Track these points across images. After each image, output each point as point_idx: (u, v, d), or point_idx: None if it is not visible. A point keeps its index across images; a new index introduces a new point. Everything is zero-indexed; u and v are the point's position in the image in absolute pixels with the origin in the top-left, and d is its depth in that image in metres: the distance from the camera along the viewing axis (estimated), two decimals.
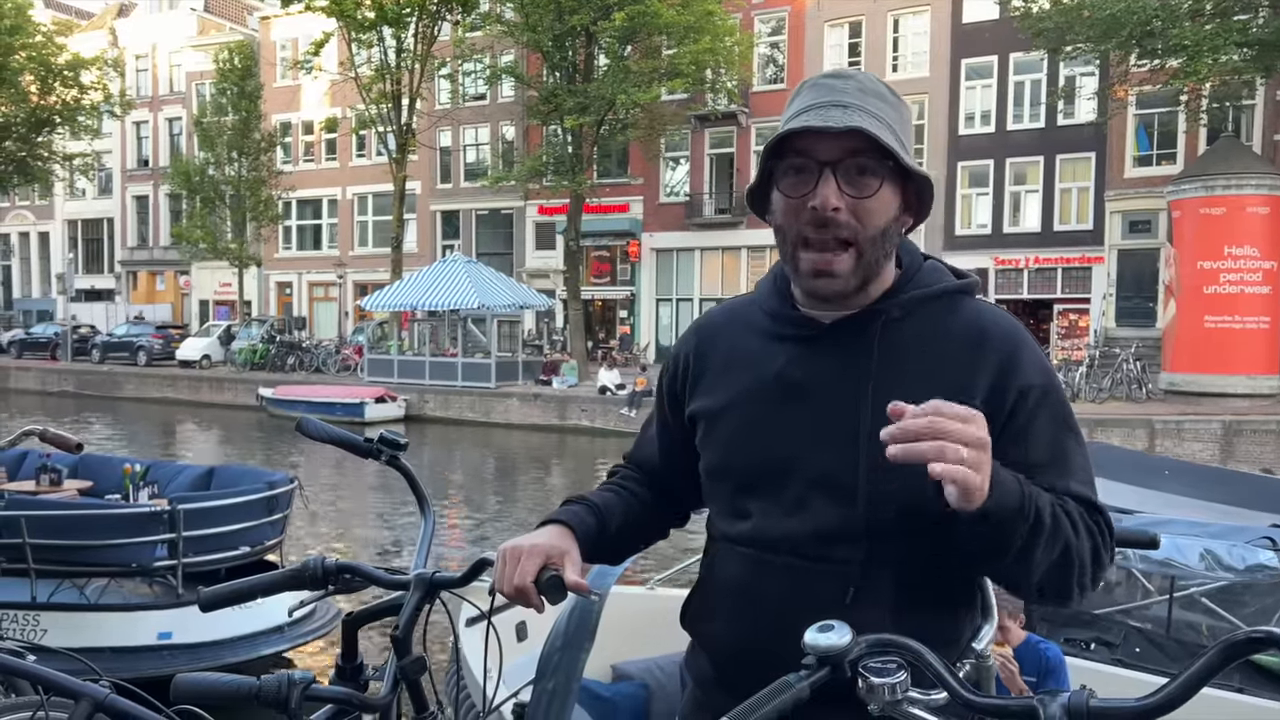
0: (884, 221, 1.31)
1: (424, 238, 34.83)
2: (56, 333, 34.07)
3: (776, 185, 1.34)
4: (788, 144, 1.31)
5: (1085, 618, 5.11)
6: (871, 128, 1.27)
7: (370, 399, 23.13)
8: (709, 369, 1.46)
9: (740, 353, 1.43)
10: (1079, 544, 1.24)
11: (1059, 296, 27.23)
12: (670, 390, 1.54)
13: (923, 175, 1.33)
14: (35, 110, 34.60)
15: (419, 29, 27.57)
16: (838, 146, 1.27)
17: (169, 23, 40.62)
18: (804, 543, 1.32)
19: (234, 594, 1.54)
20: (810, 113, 1.30)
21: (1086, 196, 26.70)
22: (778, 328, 1.41)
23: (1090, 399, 20.98)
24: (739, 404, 1.40)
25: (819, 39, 29.39)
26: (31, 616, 6.16)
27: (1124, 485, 4.95)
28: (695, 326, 1.55)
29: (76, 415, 24.11)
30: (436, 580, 1.54)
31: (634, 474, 1.60)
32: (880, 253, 1.33)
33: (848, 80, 1.34)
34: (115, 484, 7.94)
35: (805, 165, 1.29)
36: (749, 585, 1.37)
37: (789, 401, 1.35)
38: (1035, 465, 1.26)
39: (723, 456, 1.42)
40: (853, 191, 1.28)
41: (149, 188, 41.02)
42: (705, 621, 1.46)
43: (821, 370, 1.35)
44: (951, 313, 1.37)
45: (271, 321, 33.23)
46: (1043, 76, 26.67)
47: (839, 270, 1.30)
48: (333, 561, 1.58)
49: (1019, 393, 1.29)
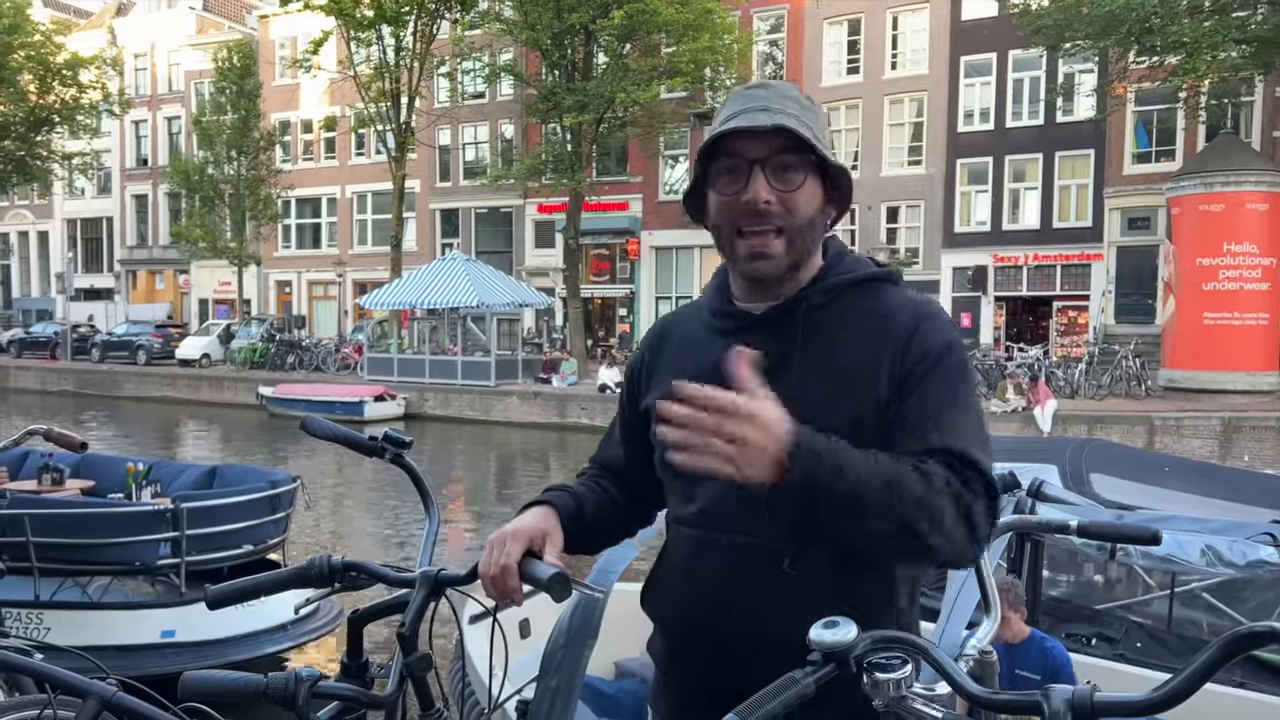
0: (810, 211, 1.45)
1: (423, 236, 34.82)
2: (56, 332, 34.06)
3: (711, 186, 1.48)
4: (719, 147, 1.45)
5: (1087, 613, 5.12)
6: (795, 125, 1.41)
7: (370, 397, 23.14)
8: (660, 367, 1.59)
9: (686, 350, 1.57)
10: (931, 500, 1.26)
11: (1058, 293, 27.23)
12: (629, 390, 1.67)
13: (840, 168, 1.47)
14: (34, 109, 34.56)
15: (418, 27, 27.55)
16: (765, 145, 1.42)
17: (168, 21, 40.58)
18: (742, 519, 1.41)
19: (240, 592, 1.55)
20: (738, 118, 1.44)
21: (1085, 193, 26.70)
22: (717, 321, 1.55)
23: (1090, 396, 21.00)
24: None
25: (818, 37, 29.38)
26: (35, 615, 6.17)
27: (1124, 482, 4.96)
28: (652, 329, 1.70)
29: (76, 414, 24.10)
30: (442, 578, 1.55)
31: (601, 473, 1.69)
32: (809, 240, 1.47)
33: (768, 89, 1.49)
34: (118, 483, 7.95)
35: (736, 165, 1.44)
36: (694, 564, 1.49)
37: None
38: (915, 423, 1.37)
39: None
40: (781, 185, 1.42)
41: (148, 187, 41.00)
42: (659, 603, 1.57)
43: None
44: (871, 298, 1.49)
45: (271, 320, 33.22)
46: (1042, 73, 26.67)
47: (773, 252, 1.44)
48: (338, 559, 1.59)
49: (917, 357, 1.41)
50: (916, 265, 28.41)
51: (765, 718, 1.07)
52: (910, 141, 28.78)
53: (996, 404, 19.34)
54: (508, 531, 1.44)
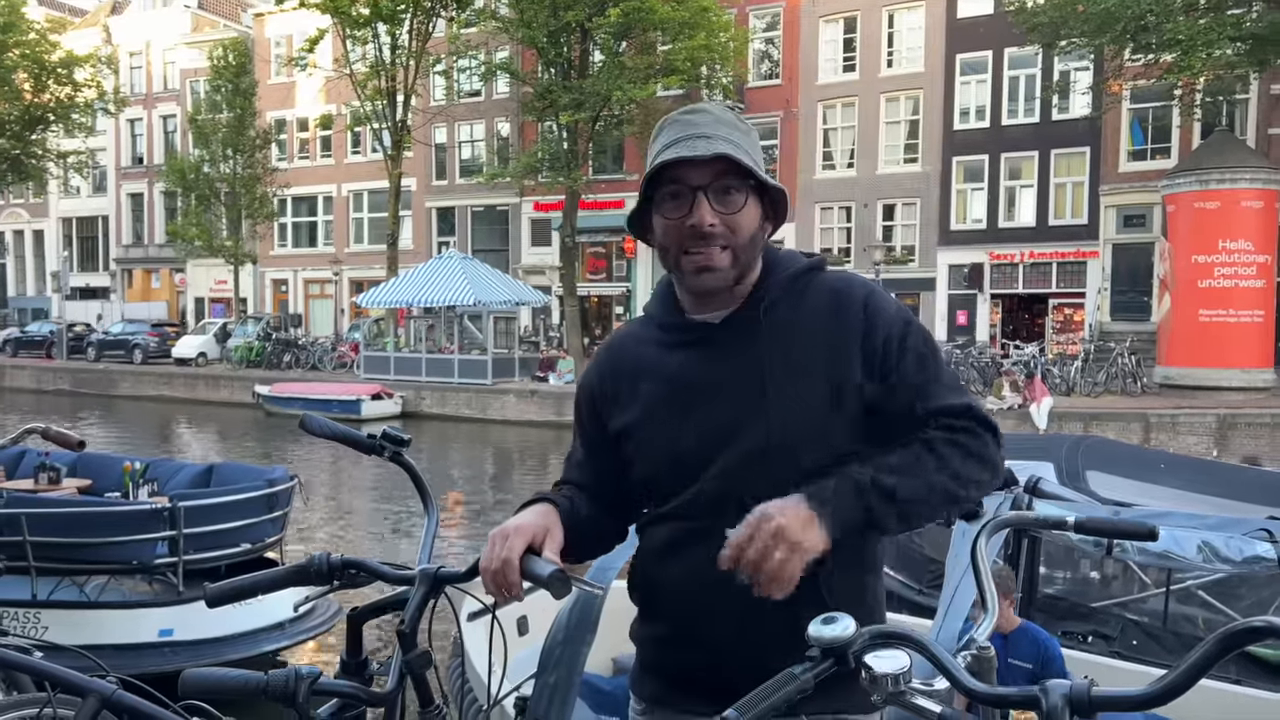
0: (752, 229, 1.53)
1: (419, 235, 34.79)
2: (52, 331, 33.99)
3: (657, 210, 1.54)
4: (662, 175, 1.51)
5: (1083, 610, 5.14)
6: (734, 152, 1.47)
7: (367, 396, 23.12)
8: (622, 388, 1.64)
9: (646, 368, 1.61)
10: (948, 467, 1.44)
11: (1054, 291, 27.28)
12: (590, 413, 1.70)
13: (777, 188, 1.54)
14: (29, 108, 34.47)
15: (414, 25, 27.49)
16: (707, 171, 1.48)
17: (163, 20, 40.49)
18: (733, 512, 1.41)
19: (239, 590, 1.55)
20: (677, 145, 1.50)
21: (1081, 191, 26.74)
22: (674, 337, 1.60)
23: (1085, 393, 21.03)
24: (655, 414, 1.57)
25: (814, 34, 29.39)
26: (32, 614, 6.16)
27: (1120, 479, 4.97)
28: (604, 349, 1.74)
29: (73, 413, 24.06)
30: (441, 575, 1.56)
31: (576, 493, 1.70)
32: (751, 254, 1.54)
33: (704, 114, 1.55)
34: (115, 482, 7.94)
35: (680, 191, 1.50)
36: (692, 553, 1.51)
37: (700, 401, 1.53)
38: (908, 395, 1.49)
39: (650, 465, 1.58)
40: (723, 209, 1.49)
41: (144, 185, 40.92)
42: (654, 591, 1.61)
43: (719, 364, 1.54)
44: (812, 288, 1.57)
45: (267, 319, 33.16)
46: (1037, 71, 26.69)
47: (719, 264, 1.50)
48: (338, 557, 1.60)
49: (885, 332, 1.51)
50: (913, 263, 28.45)
51: (765, 713, 1.08)
52: (906, 139, 28.79)
53: (992, 401, 19.36)
54: (509, 527, 1.46)
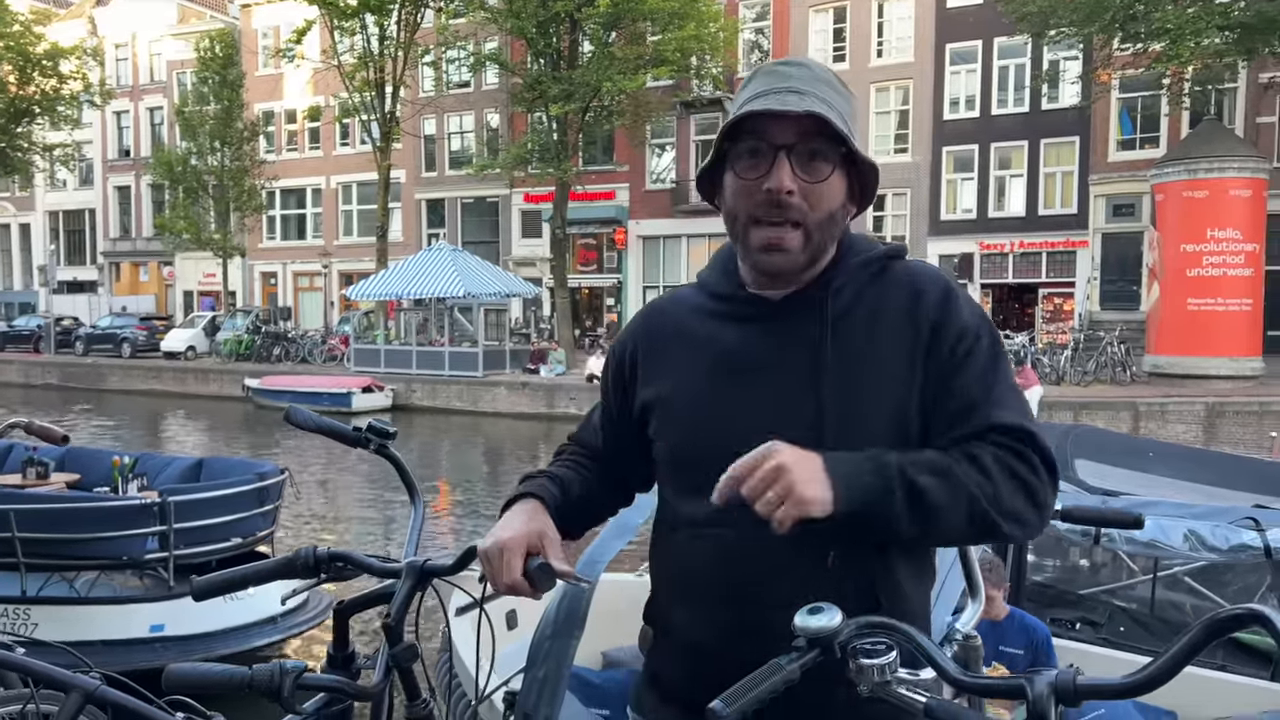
0: (833, 206, 1.37)
1: (409, 226, 34.69)
2: (39, 325, 33.81)
3: (731, 167, 1.39)
4: (743, 127, 1.36)
5: (1071, 598, 5.17)
6: (826, 113, 1.32)
7: (357, 389, 23.06)
8: (659, 357, 1.49)
9: (690, 337, 1.46)
10: (991, 487, 1.27)
11: (1044, 280, 27.35)
12: (617, 380, 1.56)
13: (870, 163, 1.38)
14: (14, 100, 34.22)
15: (402, 16, 27.38)
16: (793, 131, 1.33)
17: (149, 11, 40.20)
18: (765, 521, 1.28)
19: (226, 583, 1.54)
20: (766, 97, 1.34)
21: (1070, 180, 26.79)
22: (728, 309, 1.46)
23: (1075, 382, 21.10)
24: (694, 388, 1.43)
25: (804, 24, 29.34)
26: (22, 610, 6.13)
27: (1109, 467, 4.99)
28: (642, 315, 1.59)
29: (62, 408, 23.96)
30: (428, 568, 1.54)
31: (582, 452, 1.62)
32: (827, 236, 1.39)
33: (801, 68, 1.39)
34: (104, 476, 7.90)
35: (760, 148, 1.35)
36: (728, 567, 1.36)
37: (747, 379, 1.39)
38: (966, 402, 1.34)
39: (683, 441, 1.43)
40: (806, 176, 1.34)
41: (131, 178, 40.69)
42: (683, 613, 1.43)
43: (774, 344, 1.40)
44: (887, 276, 1.42)
45: (256, 312, 33.03)
46: (1027, 61, 26.71)
47: (789, 246, 1.36)
48: (324, 550, 1.58)
49: (957, 332, 1.36)
50: None
51: (751, 704, 1.07)
52: (896, 129, 28.81)
53: None
54: (503, 541, 1.37)
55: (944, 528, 1.28)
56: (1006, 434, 1.31)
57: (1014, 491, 1.28)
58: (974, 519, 1.27)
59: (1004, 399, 1.35)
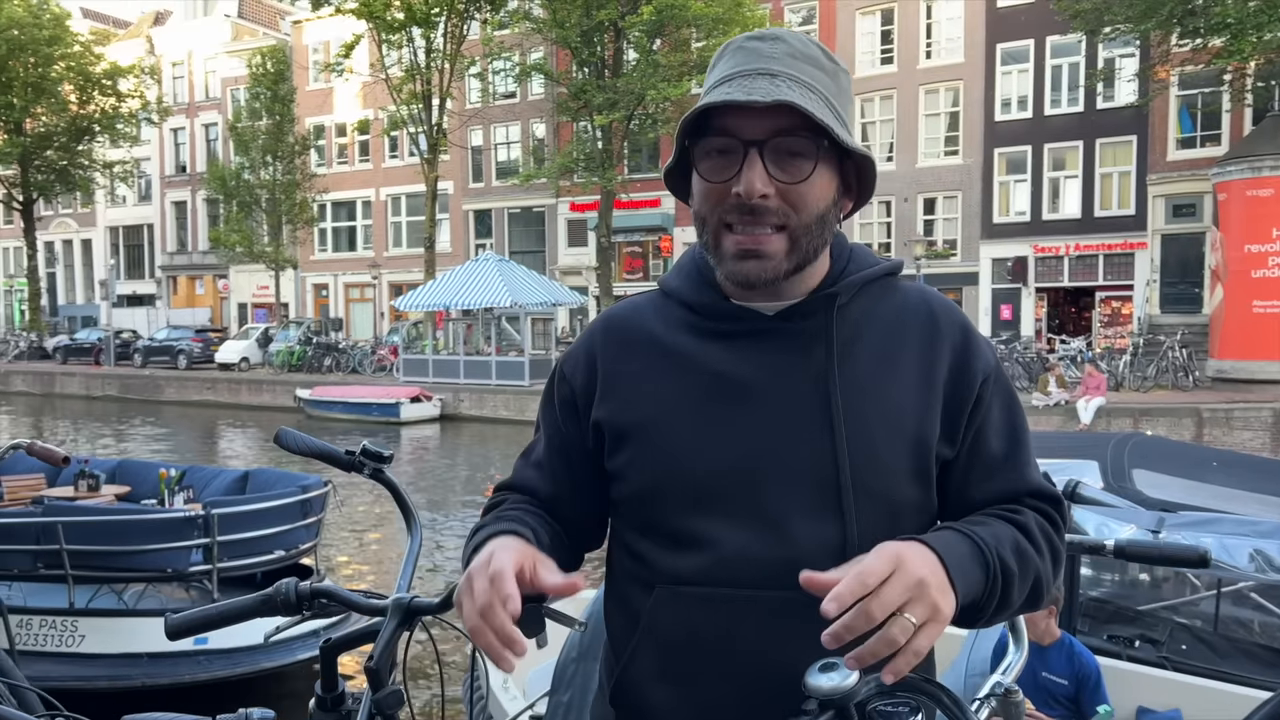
0: (820, 207, 1.16)
1: (457, 237, 34.97)
2: (100, 338, 34.62)
3: (695, 168, 1.18)
4: (708, 120, 1.14)
5: (1129, 614, 4.95)
6: (803, 101, 1.10)
7: (406, 399, 23.22)
8: (626, 376, 1.24)
9: (664, 354, 1.23)
10: (1044, 564, 1.16)
11: (1101, 284, 26.73)
12: (568, 405, 1.29)
13: (863, 153, 1.17)
14: (75, 119, 35.27)
15: (448, 28, 27.64)
16: (765, 123, 1.11)
17: (204, 29, 41.10)
18: (788, 570, 1.07)
19: (204, 621, 1.46)
20: (732, 83, 1.13)
21: (1128, 181, 26.17)
22: (708, 322, 1.23)
23: (1134, 387, 20.58)
24: (678, 413, 1.19)
25: (850, 27, 29.09)
26: (69, 622, 6.19)
27: (1168, 478, 4.79)
28: (599, 327, 1.32)
29: (120, 419, 24.46)
30: (414, 606, 1.44)
31: (525, 501, 1.31)
32: (817, 240, 1.17)
33: (775, 43, 1.16)
34: (153, 489, 8.00)
35: (728, 145, 1.13)
36: (721, 633, 1.14)
37: (738, 405, 1.17)
38: (997, 459, 1.20)
39: (665, 478, 1.18)
40: (783, 176, 1.12)
41: (187, 193, 41.57)
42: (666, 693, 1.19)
43: (772, 366, 1.18)
44: (892, 294, 1.25)
45: (308, 323, 33.49)
46: (1081, 59, 26.18)
47: (770, 250, 1.14)
48: (306, 586, 1.49)
49: (982, 377, 1.21)
50: (955, 257, 28.04)
51: None
52: (946, 131, 28.39)
53: (1038, 397, 18.99)
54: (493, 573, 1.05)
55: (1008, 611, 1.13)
56: (1043, 500, 1.20)
57: (1052, 564, 1.17)
58: (1030, 599, 1.15)
59: (1031, 456, 1.23)
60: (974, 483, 1.19)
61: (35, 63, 33.72)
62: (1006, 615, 1.14)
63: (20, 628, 6.16)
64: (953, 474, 1.20)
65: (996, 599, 1.09)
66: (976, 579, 1.05)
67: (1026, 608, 1.17)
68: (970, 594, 1.04)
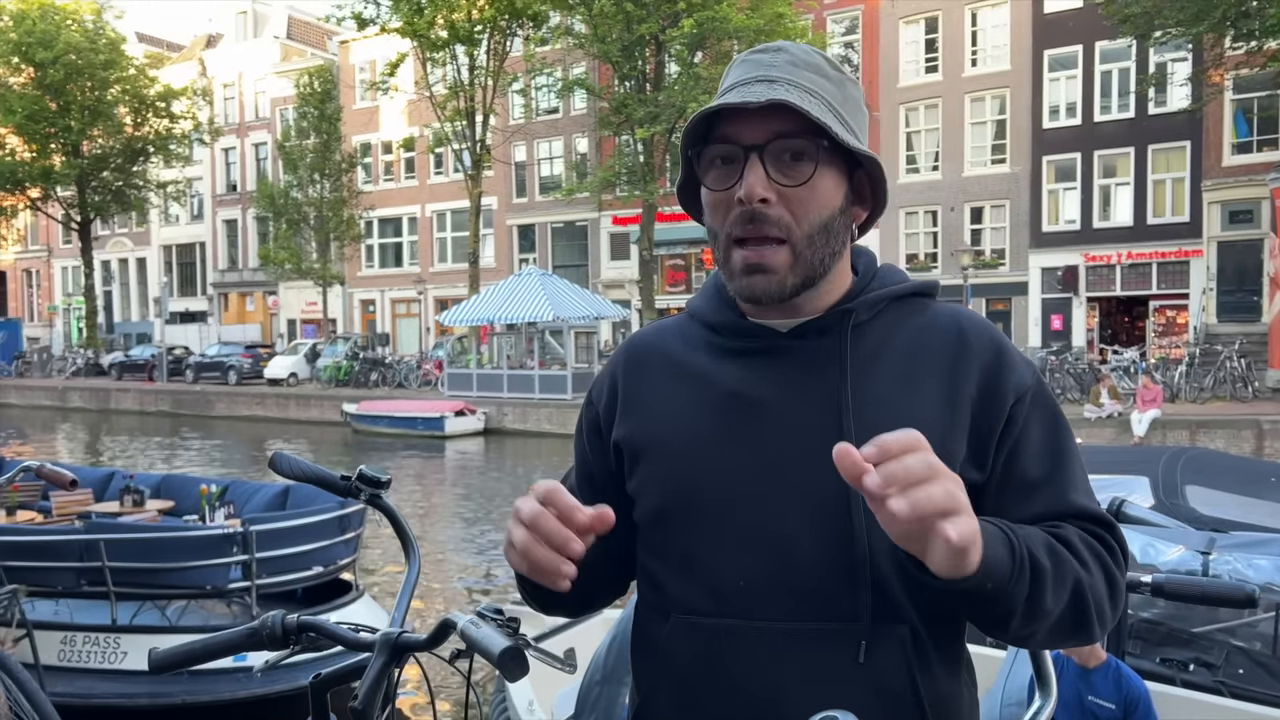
0: (824, 214, 1.13)
1: (501, 252, 35.21)
2: (153, 354, 35.34)
3: (702, 180, 1.17)
4: (711, 130, 1.15)
5: (1183, 636, 4.77)
6: (799, 102, 1.08)
7: (450, 413, 23.37)
8: (643, 396, 1.24)
9: (682, 372, 1.22)
10: (1090, 579, 1.05)
11: (1155, 292, 26.13)
12: (593, 429, 1.29)
13: (869, 157, 1.14)
14: (130, 141, 36.15)
15: (491, 46, 27.92)
16: (764, 128, 1.10)
17: (254, 51, 41.92)
18: (798, 597, 1.08)
19: (188, 655, 1.42)
20: (733, 91, 1.13)
21: (1182, 187, 25.60)
22: (726, 340, 1.21)
23: (1191, 399, 20.06)
24: (689, 432, 1.17)
25: (894, 36, 28.87)
26: (112, 639, 6.24)
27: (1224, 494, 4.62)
28: (624, 350, 1.32)
29: (171, 434, 24.90)
30: (402, 642, 1.38)
31: None
32: (824, 251, 1.14)
33: (777, 53, 1.16)
34: (195, 504, 8.10)
35: (731, 153, 1.13)
36: (735, 668, 1.11)
37: (750, 424, 1.15)
38: (1035, 482, 1.12)
39: (675, 497, 1.17)
40: (783, 179, 1.11)
41: (237, 211, 42.36)
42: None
43: (785, 384, 1.15)
44: (920, 314, 1.20)
45: (355, 338, 33.90)
46: (1131, 64, 25.71)
47: (772, 264, 1.12)
48: (293, 619, 1.44)
49: (1015, 396, 1.13)
50: (1003, 266, 27.62)
51: None
52: (993, 140, 28.02)
53: (1090, 409, 18.58)
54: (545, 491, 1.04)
55: (1042, 619, 1.03)
56: (1092, 521, 1.11)
57: (1106, 588, 1.07)
58: (1075, 615, 1.05)
59: (1077, 478, 1.13)
60: (1009, 507, 1.10)
61: (92, 86, 34.65)
62: (1043, 627, 1.03)
63: (64, 644, 6.23)
64: (985, 499, 1.11)
65: (1025, 594, 0.98)
66: (1001, 558, 0.96)
67: (1074, 630, 1.06)
68: (995, 570, 0.94)
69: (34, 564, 6.24)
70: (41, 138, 34.49)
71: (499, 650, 1.17)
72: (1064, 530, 1.08)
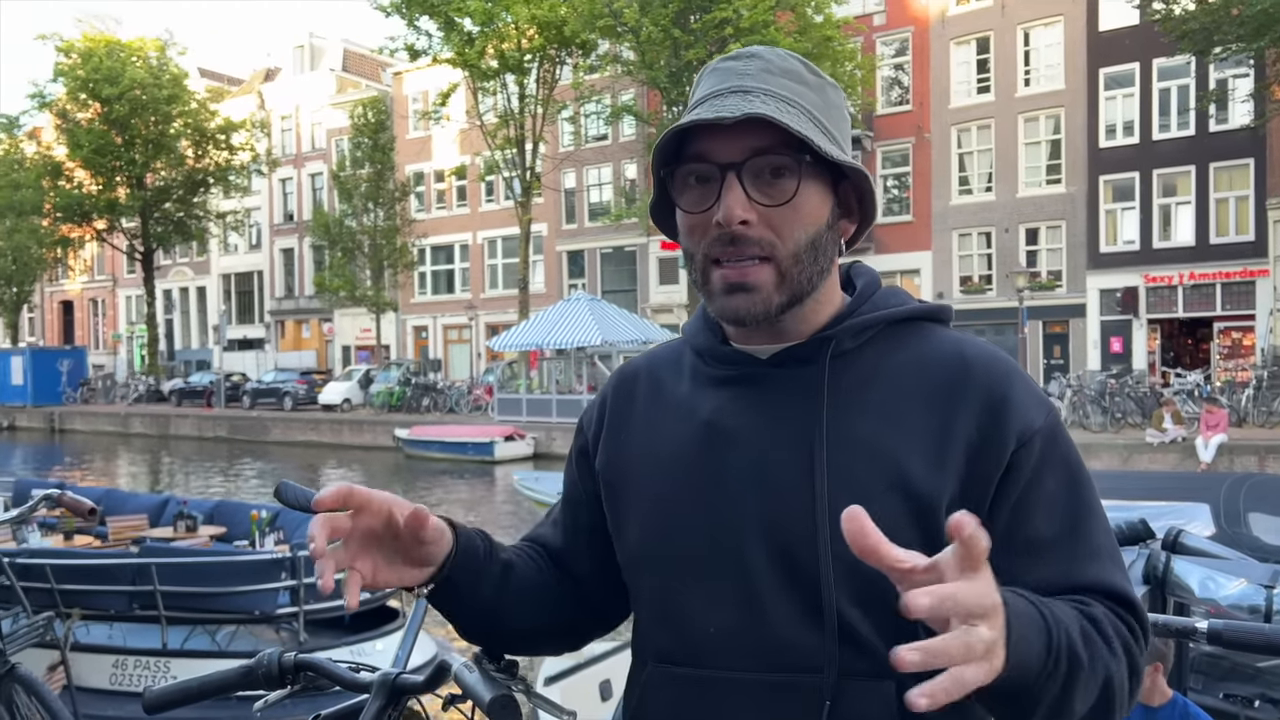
0: (810, 231, 1.04)
1: (550, 278, 35.44)
2: (211, 381, 36.07)
3: (676, 201, 1.08)
4: (684, 148, 1.06)
5: (1248, 671, 4.57)
6: (777, 114, 0.99)
7: (500, 438, 23.47)
8: (627, 422, 1.17)
9: (664, 401, 1.15)
10: (1120, 673, 0.93)
11: (1219, 314, 25.42)
12: (580, 449, 1.23)
13: (854, 167, 1.05)
14: (191, 173, 37.14)
15: (540, 74, 28.24)
16: (740, 144, 1.01)
17: (311, 83, 42.86)
18: (760, 650, 1.01)
19: (183, 694, 1.39)
20: (705, 104, 1.03)
21: (1246, 206, 24.94)
22: (708, 368, 1.13)
23: (1259, 423, 19.46)
24: (660, 467, 1.10)
25: (945, 57, 28.63)
26: (162, 663, 6.31)
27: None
28: (614, 379, 1.25)
29: (229, 460, 25.33)
30: (400, 684, 1.33)
31: (532, 546, 1.27)
32: (811, 269, 1.05)
33: (750, 60, 1.06)
34: (247, 529, 8.18)
35: (706, 172, 1.04)
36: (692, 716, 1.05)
37: (722, 458, 1.06)
38: (1044, 543, 0.99)
39: (644, 536, 1.10)
40: (764, 199, 1.02)
41: (294, 240, 43.18)
42: None
43: (760, 416, 1.06)
44: (921, 342, 1.09)
45: (407, 364, 34.27)
46: (1190, 81, 25.17)
47: (756, 282, 1.03)
48: (290, 658, 1.39)
49: (1019, 439, 1.00)
50: (1060, 288, 27.11)
51: None
52: (1048, 160, 27.59)
53: (1152, 434, 18.09)
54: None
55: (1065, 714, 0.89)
56: (1116, 599, 0.98)
57: (1129, 681, 0.94)
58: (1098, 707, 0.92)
59: (1098, 542, 1.00)
60: (1015, 570, 0.95)
61: (156, 121, 35.71)
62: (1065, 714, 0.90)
63: (115, 668, 6.31)
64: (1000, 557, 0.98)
65: (1055, 691, 0.86)
66: (1035, 652, 0.83)
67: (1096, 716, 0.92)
68: (1023, 668, 0.81)
69: (88, 587, 6.34)
70: (107, 171, 35.59)
71: (488, 699, 1.13)
72: (1093, 609, 0.95)
